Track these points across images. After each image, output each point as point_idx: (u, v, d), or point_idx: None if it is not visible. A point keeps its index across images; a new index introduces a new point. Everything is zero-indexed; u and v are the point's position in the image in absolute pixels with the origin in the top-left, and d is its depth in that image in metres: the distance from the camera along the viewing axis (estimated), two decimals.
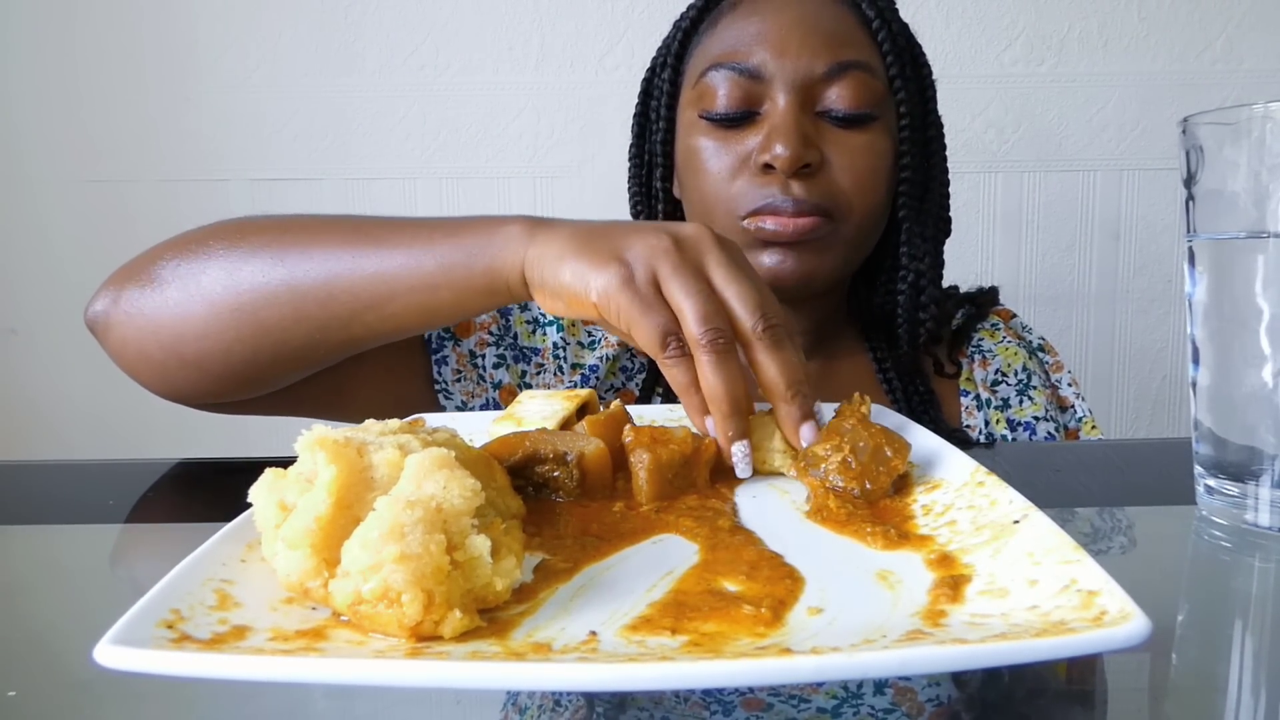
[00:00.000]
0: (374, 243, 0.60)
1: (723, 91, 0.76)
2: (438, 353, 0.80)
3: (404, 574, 0.30)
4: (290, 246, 0.62)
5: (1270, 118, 0.40)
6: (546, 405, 0.55)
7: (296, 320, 0.61)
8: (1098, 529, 0.46)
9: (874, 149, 0.77)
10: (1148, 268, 1.52)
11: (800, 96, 0.75)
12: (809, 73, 0.74)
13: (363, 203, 1.54)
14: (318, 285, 0.60)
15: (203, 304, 0.62)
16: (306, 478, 0.35)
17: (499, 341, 0.83)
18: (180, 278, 0.63)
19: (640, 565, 0.37)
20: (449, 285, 0.58)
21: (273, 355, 0.63)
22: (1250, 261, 0.42)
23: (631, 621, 0.31)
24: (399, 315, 0.60)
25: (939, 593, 0.33)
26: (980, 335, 0.92)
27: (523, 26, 1.50)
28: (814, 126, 0.75)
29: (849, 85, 0.75)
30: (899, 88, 0.78)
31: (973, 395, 0.88)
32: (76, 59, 1.53)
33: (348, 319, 0.61)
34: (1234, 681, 0.31)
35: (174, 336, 0.63)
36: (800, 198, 0.74)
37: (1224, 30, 1.45)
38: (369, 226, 0.62)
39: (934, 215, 0.84)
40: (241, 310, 0.61)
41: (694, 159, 0.79)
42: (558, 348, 0.85)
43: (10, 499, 0.59)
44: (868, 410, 0.50)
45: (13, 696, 0.30)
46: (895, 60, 0.78)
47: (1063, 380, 0.90)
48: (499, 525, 0.36)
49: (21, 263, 1.58)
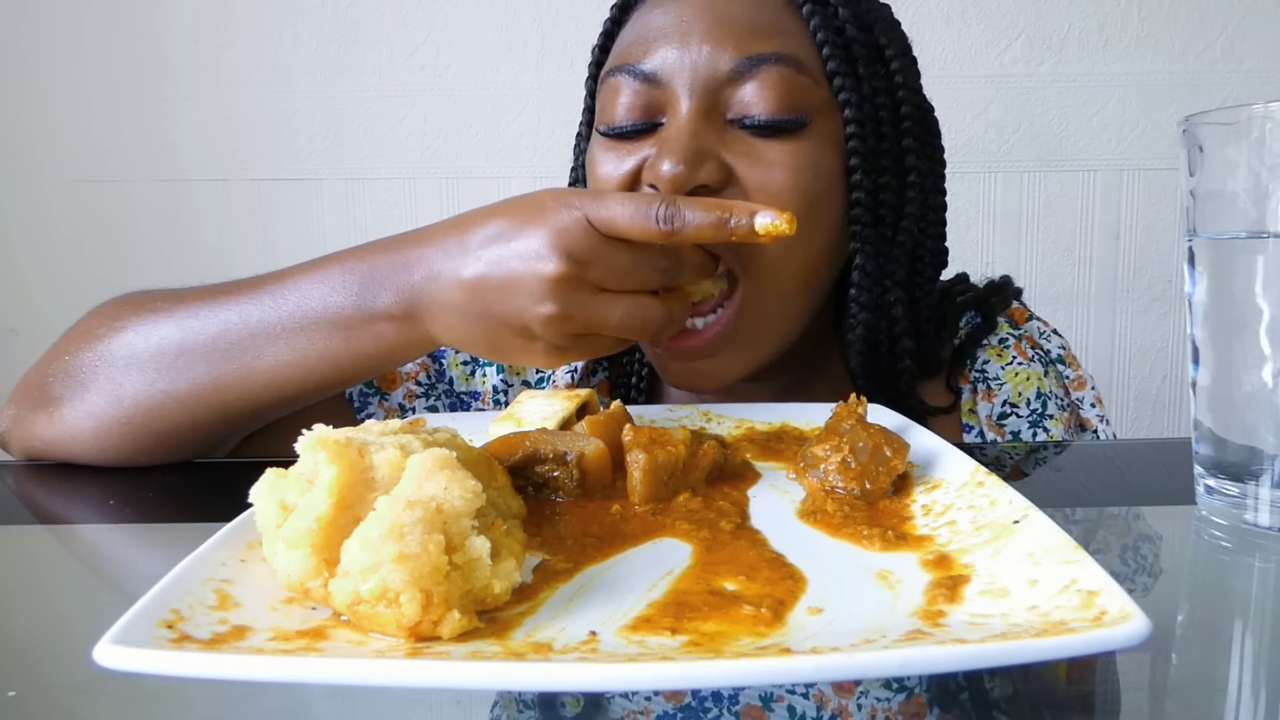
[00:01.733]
0: (253, 343, 0.57)
1: (621, 100, 0.63)
2: (362, 410, 0.75)
3: (402, 574, 0.30)
4: (165, 357, 0.58)
5: (1270, 118, 0.40)
6: (546, 405, 0.55)
7: (193, 426, 0.59)
8: (1098, 529, 0.46)
9: (800, 163, 0.61)
10: (1148, 268, 1.52)
11: (704, 101, 0.60)
12: (712, 71, 0.60)
13: (363, 203, 1.54)
14: (204, 388, 0.58)
15: (90, 421, 0.59)
16: (307, 478, 0.35)
17: (429, 391, 0.77)
18: (69, 396, 0.60)
19: (640, 565, 0.37)
20: (353, 368, 0.57)
21: (180, 450, 0.61)
22: (1250, 261, 0.42)
23: (631, 621, 0.31)
24: (301, 395, 0.59)
25: (936, 593, 0.33)
26: (985, 356, 0.75)
27: (523, 26, 1.50)
28: (721, 138, 0.60)
29: (765, 84, 0.60)
30: (842, 86, 0.62)
31: (976, 431, 0.74)
32: (76, 59, 1.53)
33: (250, 413, 0.59)
34: (1234, 681, 0.31)
35: (67, 453, 0.61)
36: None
37: (1224, 30, 1.45)
38: (240, 317, 0.58)
39: (907, 248, 0.68)
40: (131, 424, 0.59)
41: (590, 176, 0.67)
42: (498, 391, 0.77)
43: (10, 499, 0.59)
44: (864, 411, 0.50)
45: (13, 696, 0.30)
46: (835, 52, 0.62)
47: (1085, 399, 0.75)
48: (500, 526, 0.36)
49: (21, 263, 1.58)
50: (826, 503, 0.43)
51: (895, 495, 0.44)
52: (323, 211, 1.55)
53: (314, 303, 0.56)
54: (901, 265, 0.68)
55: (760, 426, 0.58)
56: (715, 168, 0.60)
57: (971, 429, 0.74)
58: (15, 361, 0.67)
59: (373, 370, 0.59)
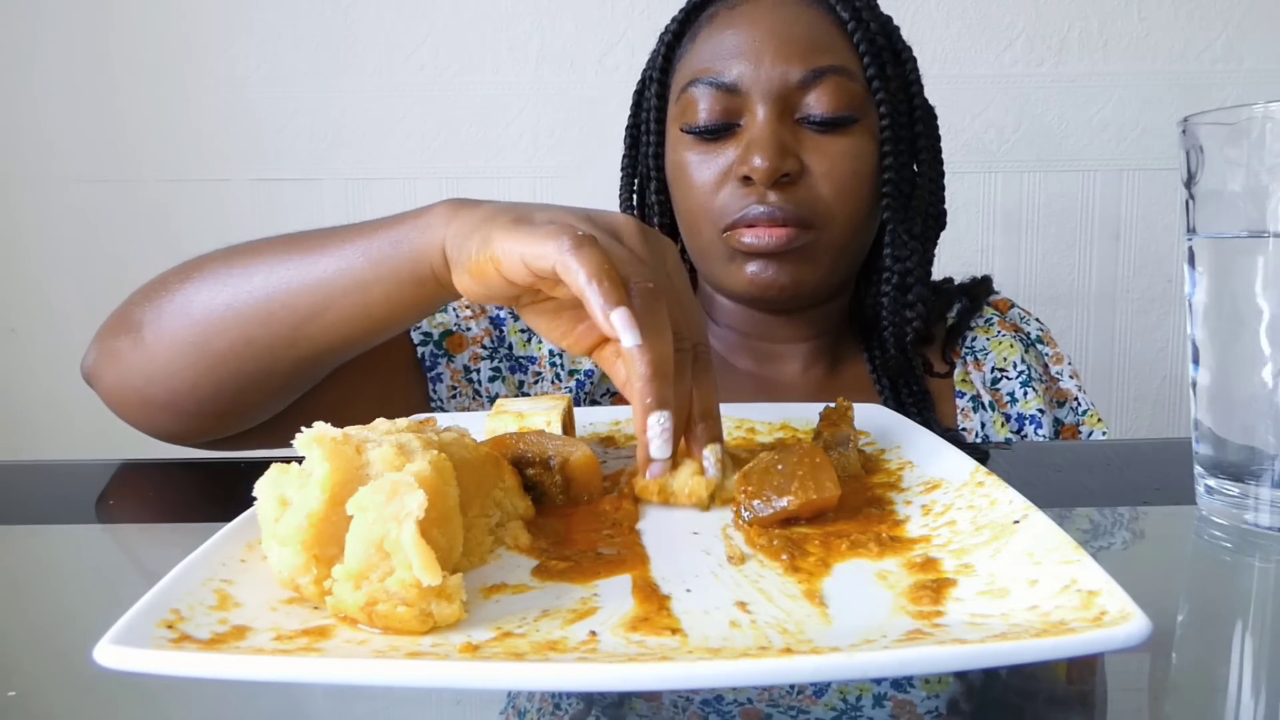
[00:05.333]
0: (306, 252, 0.59)
1: (703, 106, 0.77)
2: (431, 370, 0.81)
3: None
4: (233, 271, 0.61)
5: (1270, 118, 0.40)
6: (534, 405, 0.54)
7: (245, 344, 0.61)
8: (1098, 529, 0.46)
9: (854, 152, 0.77)
10: (1148, 268, 1.52)
11: (777, 106, 0.75)
12: (784, 82, 0.75)
13: (363, 203, 1.54)
14: (257, 305, 0.60)
15: (164, 343, 0.62)
16: (309, 474, 0.35)
17: (493, 354, 0.83)
18: (148, 321, 0.63)
19: (639, 565, 0.37)
20: (378, 280, 0.57)
21: (234, 385, 0.63)
22: (1250, 261, 0.42)
23: (631, 621, 0.31)
24: (338, 323, 0.59)
25: (920, 593, 0.33)
26: (974, 333, 0.90)
27: (523, 26, 1.49)
28: (793, 134, 0.76)
29: (826, 91, 0.75)
30: (878, 88, 0.78)
31: (969, 397, 0.86)
32: (76, 59, 1.53)
33: (291, 335, 0.60)
34: (1234, 681, 0.31)
35: (144, 379, 0.63)
36: (779, 207, 0.74)
37: (1224, 30, 1.45)
38: (305, 239, 0.61)
39: (922, 212, 0.83)
40: (194, 344, 0.61)
41: (679, 173, 0.80)
42: (554, 355, 0.85)
43: (10, 499, 0.59)
44: (852, 414, 0.50)
45: (12, 696, 0.30)
46: (873, 61, 0.77)
47: (1063, 373, 0.88)
48: (484, 523, 0.36)
49: (21, 263, 1.58)
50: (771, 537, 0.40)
51: (871, 474, 0.44)
52: (323, 211, 1.55)
53: (385, 265, 0.56)
54: (917, 224, 0.83)
55: (761, 426, 0.58)
56: (794, 161, 0.75)
57: (964, 395, 0.86)
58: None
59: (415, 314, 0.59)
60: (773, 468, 0.42)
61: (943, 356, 0.89)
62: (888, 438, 0.53)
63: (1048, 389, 0.87)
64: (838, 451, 0.48)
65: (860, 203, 0.78)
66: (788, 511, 0.40)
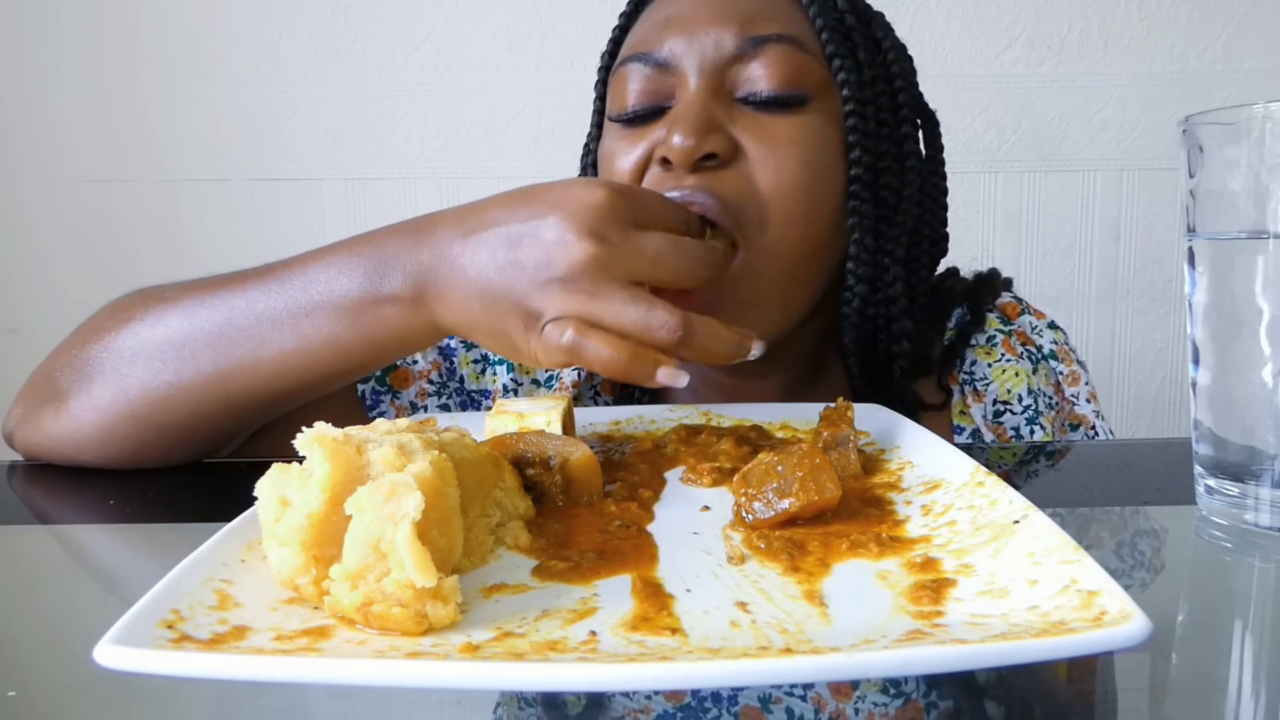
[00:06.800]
0: (246, 299, 0.57)
1: (631, 88, 0.65)
2: (374, 409, 0.75)
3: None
4: (172, 336, 0.57)
5: (1270, 118, 0.40)
6: (534, 405, 0.54)
7: (198, 416, 0.58)
8: (1098, 529, 0.46)
9: (802, 137, 0.63)
10: (1148, 268, 1.52)
11: (711, 81, 0.63)
12: (718, 51, 0.63)
13: (363, 203, 1.54)
14: (209, 378, 0.57)
15: (97, 413, 0.58)
16: (309, 474, 0.35)
17: (441, 389, 0.77)
18: (74, 390, 0.59)
19: (640, 566, 0.37)
20: (354, 341, 0.55)
21: (186, 446, 0.60)
22: (1250, 261, 0.42)
23: (631, 621, 0.31)
24: (304, 385, 0.58)
25: (920, 593, 0.33)
26: (974, 356, 0.76)
27: (523, 26, 1.50)
28: (728, 113, 0.63)
29: (768, 62, 0.63)
30: (840, 67, 0.65)
31: (968, 433, 0.74)
32: (77, 59, 1.53)
33: (251, 399, 0.58)
34: (1234, 681, 0.31)
35: (75, 449, 0.60)
36: (698, 190, 0.60)
37: (1224, 30, 1.45)
38: (246, 288, 0.57)
39: (909, 230, 0.70)
40: (136, 417, 0.58)
41: (604, 166, 0.69)
42: (508, 390, 0.78)
43: (10, 499, 0.58)
44: (852, 414, 0.50)
45: (12, 696, 0.30)
46: (833, 36, 0.65)
47: (1080, 395, 0.76)
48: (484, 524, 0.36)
49: (21, 263, 1.58)
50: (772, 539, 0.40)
51: (869, 475, 0.44)
52: (323, 211, 1.55)
53: (320, 287, 0.55)
54: (900, 245, 0.69)
55: (761, 426, 0.58)
56: (723, 139, 0.61)
57: (963, 430, 0.74)
58: (15, 361, 0.67)
59: (378, 358, 0.57)
60: (773, 469, 0.42)
61: (938, 382, 0.75)
62: (888, 438, 0.53)
63: (1059, 413, 0.75)
64: (838, 451, 0.48)
65: (809, 201, 0.62)
66: (788, 514, 0.40)
